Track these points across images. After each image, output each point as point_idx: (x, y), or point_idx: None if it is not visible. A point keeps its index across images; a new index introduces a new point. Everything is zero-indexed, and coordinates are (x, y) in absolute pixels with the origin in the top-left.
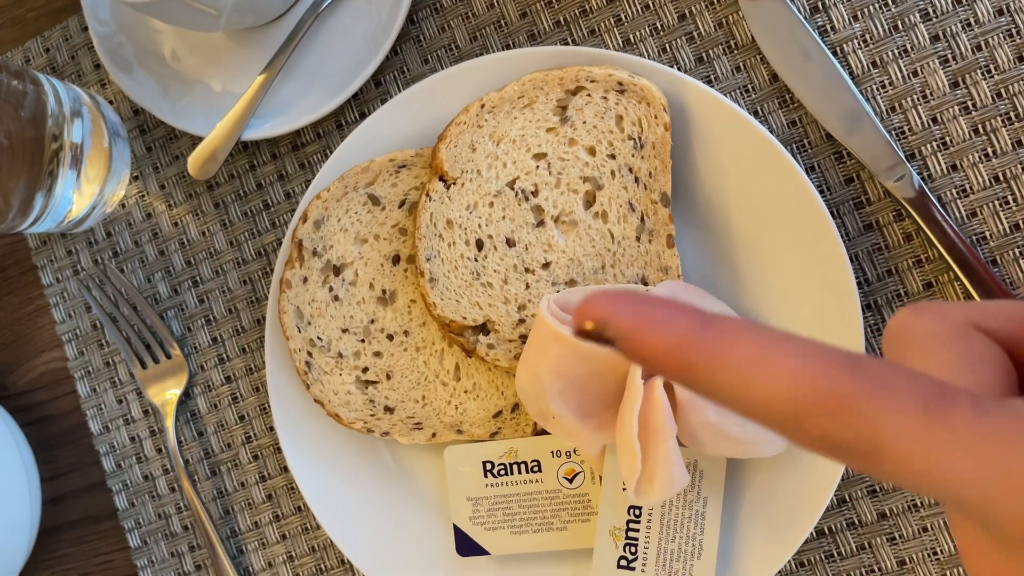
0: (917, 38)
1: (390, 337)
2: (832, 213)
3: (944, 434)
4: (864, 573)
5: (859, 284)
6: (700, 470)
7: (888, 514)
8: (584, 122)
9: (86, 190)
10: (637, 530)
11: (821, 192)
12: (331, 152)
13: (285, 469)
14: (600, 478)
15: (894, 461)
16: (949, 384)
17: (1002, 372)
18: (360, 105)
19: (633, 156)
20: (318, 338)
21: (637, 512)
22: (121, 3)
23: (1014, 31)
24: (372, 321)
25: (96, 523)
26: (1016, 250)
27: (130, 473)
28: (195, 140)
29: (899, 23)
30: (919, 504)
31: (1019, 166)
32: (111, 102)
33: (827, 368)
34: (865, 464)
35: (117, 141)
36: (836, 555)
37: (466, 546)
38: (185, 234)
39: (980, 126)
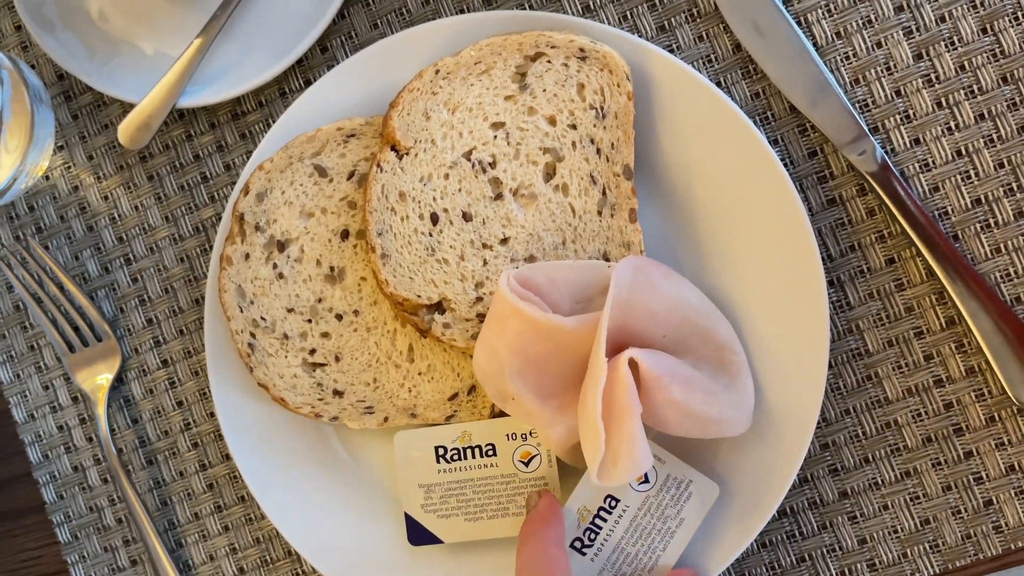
0: (881, 8)
1: (339, 317)
2: (795, 187)
3: None
4: (825, 552)
5: (822, 260)
6: (690, 491)
7: (849, 493)
8: (544, 90)
9: (5, 161)
10: (605, 520)
11: (785, 166)
12: (274, 122)
13: (227, 457)
14: (558, 460)
15: None
16: None
17: None
18: (305, 72)
19: (595, 126)
20: (261, 318)
21: (613, 503)
22: None
23: (978, 2)
24: (319, 300)
25: (22, 516)
26: (977, 225)
27: (58, 464)
28: (126, 107)
29: None
30: (880, 482)
31: (981, 140)
32: (33, 66)
33: None
34: None
35: (40, 108)
36: (798, 535)
37: (418, 535)
38: (116, 208)
39: (943, 99)
